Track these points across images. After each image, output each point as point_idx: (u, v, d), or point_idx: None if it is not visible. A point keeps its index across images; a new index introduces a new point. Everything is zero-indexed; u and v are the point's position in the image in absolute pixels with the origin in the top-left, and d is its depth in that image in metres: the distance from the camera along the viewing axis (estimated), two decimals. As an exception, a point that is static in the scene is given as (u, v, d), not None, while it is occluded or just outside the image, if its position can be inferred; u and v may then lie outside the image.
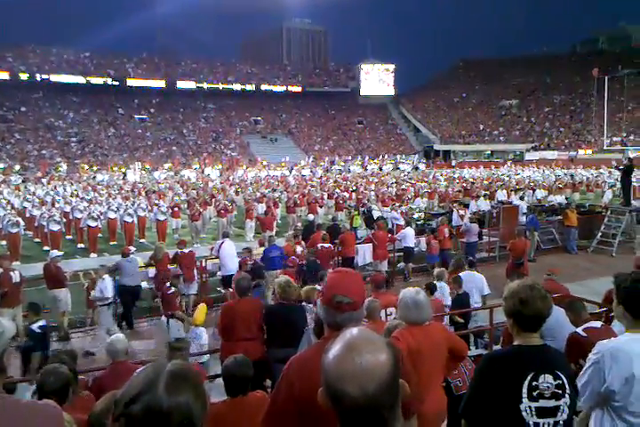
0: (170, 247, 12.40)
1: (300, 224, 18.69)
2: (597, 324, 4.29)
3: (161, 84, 64.61)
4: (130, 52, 74.05)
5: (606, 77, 42.06)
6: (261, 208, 19.08)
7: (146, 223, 18.30)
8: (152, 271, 10.60)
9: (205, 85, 67.56)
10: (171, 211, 18.03)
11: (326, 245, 11.21)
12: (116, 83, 61.68)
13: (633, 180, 17.76)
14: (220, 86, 68.43)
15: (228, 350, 5.14)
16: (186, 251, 10.72)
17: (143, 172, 45.19)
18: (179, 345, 4.69)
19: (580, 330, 4.13)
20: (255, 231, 17.70)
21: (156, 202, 19.32)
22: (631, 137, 49.58)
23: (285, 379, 1.96)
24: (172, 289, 8.23)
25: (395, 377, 1.13)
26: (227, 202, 19.33)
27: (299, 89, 73.40)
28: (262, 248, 12.51)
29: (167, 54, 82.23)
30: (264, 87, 71.01)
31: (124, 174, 43.11)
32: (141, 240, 17.51)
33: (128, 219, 17.01)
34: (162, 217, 17.33)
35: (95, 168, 46.27)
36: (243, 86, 69.64)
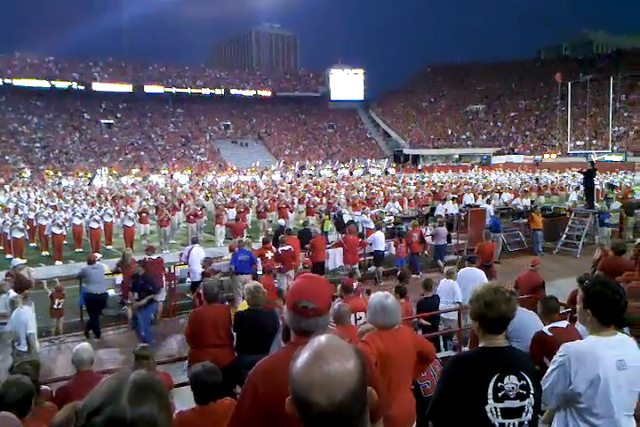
0: (138, 254, 12.21)
1: (270, 229, 18.62)
2: (563, 324, 4.37)
3: (128, 88, 63.72)
4: (96, 56, 72.95)
5: (569, 83, 43.23)
6: (232, 214, 18.92)
7: (113, 229, 17.97)
8: (119, 278, 10.41)
9: (174, 90, 66.93)
10: (138, 216, 17.76)
11: (286, 248, 11.17)
12: (82, 87, 60.63)
13: (595, 183, 18.26)
14: (189, 91, 67.88)
15: (196, 357, 5.06)
16: (154, 257, 10.56)
17: (110, 177, 44.41)
18: (145, 353, 4.61)
19: (545, 329, 4.20)
20: (226, 237, 17.55)
21: (124, 208, 19.02)
22: (594, 141, 50.98)
23: (250, 384, 1.94)
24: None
25: (362, 384, 1.12)
26: (196, 207, 19.12)
27: (268, 93, 73.32)
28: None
29: (134, 58, 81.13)
30: (234, 92, 70.73)
31: (90, 180, 42.30)
32: (108, 247, 17.19)
33: (94, 225, 16.67)
34: (129, 223, 17.05)
35: (60, 174, 45.29)
36: (212, 91, 69.23)
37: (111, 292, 10.39)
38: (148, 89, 65.14)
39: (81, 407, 1.08)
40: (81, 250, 16.57)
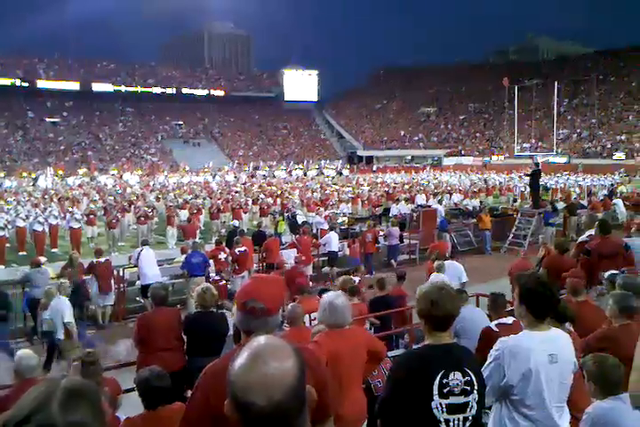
0: (85, 257, 11.86)
1: (223, 230, 18.46)
2: (509, 320, 4.51)
3: (75, 86, 61.86)
4: (41, 52, 70.47)
5: (516, 87, 44.73)
6: (184, 215, 18.62)
7: (58, 232, 17.37)
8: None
9: (123, 88, 65.40)
10: (86, 218, 17.25)
11: (242, 249, 11.10)
12: (26, 84, 58.37)
13: (540, 184, 18.93)
14: (139, 89, 66.48)
15: (145, 362, 4.94)
16: (102, 260, 10.26)
17: (56, 178, 42.89)
18: (91, 359, 4.46)
19: (492, 325, 4.34)
20: (177, 239, 17.25)
21: (70, 209, 18.39)
22: (539, 144, 52.85)
23: (200, 388, 1.92)
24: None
25: (301, 384, 1.12)
26: (147, 209, 18.73)
27: (222, 93, 72.61)
28: (185, 256, 12.28)
29: (82, 56, 78.82)
30: (185, 91, 69.70)
31: (35, 180, 40.74)
32: (53, 250, 16.59)
33: (38, 227, 16.05)
34: (76, 225, 16.49)
35: (2, 174, 43.46)
36: (163, 90, 68.02)
37: (56, 296, 10.01)
38: (97, 87, 63.40)
39: (9, 417, 1.03)
40: (24, 253, 15.93)
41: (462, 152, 59.27)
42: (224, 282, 9.42)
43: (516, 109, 44.46)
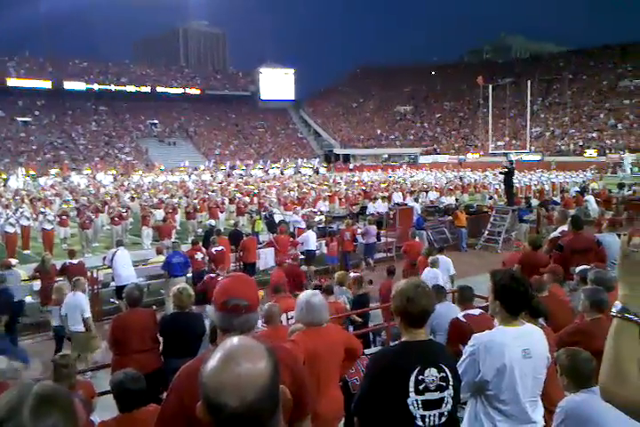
0: (58, 258, 11.65)
1: (200, 230, 18.33)
2: (476, 311, 4.60)
3: (47, 84, 60.65)
4: (11, 50, 69.00)
5: (490, 86, 45.25)
6: (159, 215, 18.42)
7: (30, 233, 17.02)
8: (37, 285, 9.88)
9: (96, 86, 64.38)
10: (58, 219, 16.93)
11: (219, 248, 11.03)
12: (-5, 83, 57.12)
13: (514, 181, 19.20)
14: (113, 88, 65.49)
15: (120, 364, 4.88)
16: (75, 261, 10.08)
17: (27, 178, 42.05)
18: (65, 362, 4.38)
19: (460, 316, 4.40)
20: (153, 239, 17.06)
21: (42, 210, 18.03)
22: (513, 142, 53.60)
23: (174, 390, 1.90)
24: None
25: (274, 384, 1.12)
26: (121, 209, 18.47)
27: (197, 92, 72.02)
28: (161, 256, 12.15)
29: (54, 53, 77.28)
30: (160, 89, 68.92)
31: (5, 181, 39.91)
32: (25, 251, 16.26)
33: (9, 229, 15.71)
34: (48, 226, 16.18)
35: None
36: (137, 88, 67.13)
37: (28, 299, 9.85)
38: (69, 85, 62.28)
39: None
40: (-5, 255, 15.58)
41: (437, 150, 59.82)
42: (221, 278, 9.38)
43: (490, 108, 44.98)
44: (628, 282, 1.36)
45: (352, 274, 8.75)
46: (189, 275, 10.75)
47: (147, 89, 67.81)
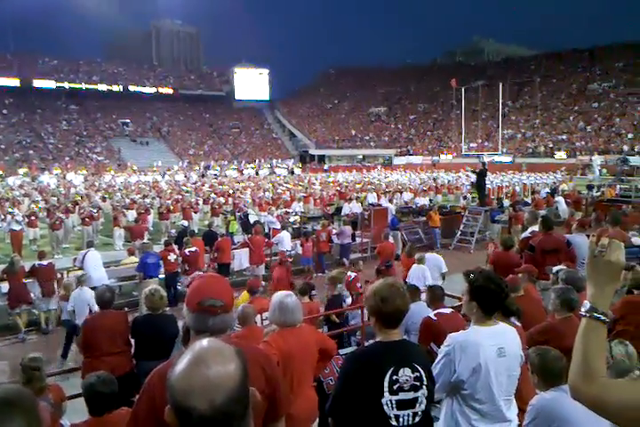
0: (27, 259, 11.39)
1: (173, 231, 18.14)
2: (447, 310, 4.65)
3: (15, 82, 59.20)
4: (-23, 47, 67.23)
5: (463, 88, 45.88)
6: (131, 215, 18.16)
7: (-2, 234, 16.64)
8: (5, 286, 9.64)
9: (67, 85, 63.11)
10: (27, 220, 16.58)
11: (193, 249, 10.92)
12: (-39, 80, 55.56)
13: (487, 182, 19.49)
14: (84, 86, 64.30)
15: (91, 367, 4.79)
16: (44, 263, 9.87)
17: (-5, 178, 41.07)
18: (34, 365, 4.28)
19: (431, 315, 4.45)
20: (125, 240, 16.81)
21: (10, 210, 17.63)
22: (485, 143, 54.38)
23: (146, 392, 1.87)
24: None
25: (244, 386, 1.11)
26: (92, 209, 18.16)
27: (170, 91, 71.21)
28: (132, 257, 11.99)
29: (22, 51, 75.52)
30: (132, 88, 67.89)
31: (-28, 181, 38.89)
32: (-7, 253, 15.88)
33: (-24, 230, 15.33)
34: (17, 227, 15.80)
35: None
36: (109, 87, 66.01)
37: (-4, 301, 9.62)
38: (38, 84, 60.93)
39: None
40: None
41: (411, 151, 60.37)
42: (252, 276, 9.29)
43: (463, 110, 45.61)
44: (596, 282, 1.38)
45: (350, 273, 8.80)
46: (162, 276, 10.63)
47: (118, 88, 66.74)
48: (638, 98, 51.29)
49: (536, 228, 8.34)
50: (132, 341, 5.24)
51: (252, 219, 17.41)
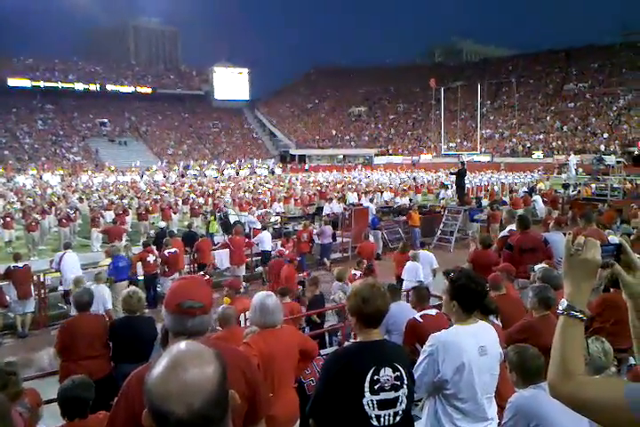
0: (3, 262, 11.20)
1: (152, 232, 17.97)
2: (433, 311, 4.66)
3: (-11, 81, 58.10)
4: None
5: (442, 88, 46.20)
6: (109, 216, 17.92)
7: (-28, 236, 16.30)
8: (-21, 289, 9.43)
9: (42, 84, 62.07)
10: (2, 221, 16.29)
11: (172, 250, 10.83)
12: None
13: (466, 182, 19.66)
14: (60, 85, 63.31)
15: (68, 370, 4.72)
16: (20, 265, 9.69)
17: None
18: (10, 369, 4.19)
19: (417, 316, 4.46)
20: (103, 241, 16.58)
21: (-15, 212, 17.31)
22: (464, 143, 54.88)
23: (125, 396, 1.84)
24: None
25: (223, 389, 1.09)
26: (69, 210, 17.90)
27: (148, 90, 70.47)
28: (111, 259, 11.83)
29: (-4, 49, 74.16)
30: (110, 87, 67.04)
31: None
32: (-33, 255, 15.54)
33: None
34: (-9, 228, 15.55)
35: None
36: (86, 86, 65.09)
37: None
38: (13, 83, 59.82)
39: None
40: None
41: (390, 151, 60.68)
42: (208, 277, 9.26)
43: (442, 110, 45.92)
44: (572, 280, 1.40)
45: (354, 271, 8.85)
46: (140, 278, 10.53)
47: (96, 87, 65.85)
48: (613, 98, 52.26)
49: (514, 226, 8.43)
50: (111, 344, 5.17)
51: (232, 219, 17.30)
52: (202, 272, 9.82)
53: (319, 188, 28.15)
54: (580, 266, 1.38)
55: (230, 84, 76.35)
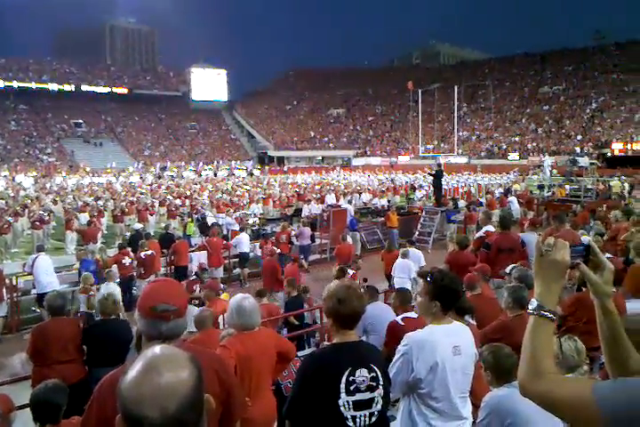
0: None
1: (128, 234, 17.77)
2: (414, 314, 4.67)
3: (-40, 81, 56.88)
4: None
5: (420, 91, 46.58)
6: (84, 218, 17.65)
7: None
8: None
9: (16, 84, 60.97)
10: (-26, 224, 15.89)
11: (148, 252, 10.71)
12: None
13: (443, 183, 19.82)
14: (34, 86, 62.25)
15: (41, 375, 4.62)
16: (-8, 268, 9.49)
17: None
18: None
19: (398, 319, 4.47)
20: (77, 243, 16.32)
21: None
22: (442, 145, 55.39)
23: (97, 400, 1.82)
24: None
25: (198, 393, 1.09)
26: (42, 212, 17.58)
27: (125, 91, 69.67)
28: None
29: (-33, 48, 72.65)
30: (85, 88, 66.11)
31: None
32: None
33: None
34: (-38, 231, 15.18)
35: None
36: (60, 86, 64.10)
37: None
38: (-15, 82, 58.68)
39: None
40: None
41: (368, 152, 60.97)
42: (196, 279, 9.22)
43: (420, 112, 46.29)
44: (542, 280, 1.41)
45: (350, 271, 8.83)
46: (117, 280, 10.37)
47: (70, 87, 64.90)
48: (586, 100, 53.30)
49: (490, 227, 8.53)
50: (85, 348, 5.09)
51: (210, 221, 17.18)
52: (194, 275, 9.86)
53: (298, 189, 28.12)
54: (549, 266, 1.40)
55: (208, 84, 75.93)
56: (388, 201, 23.59)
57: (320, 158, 63.12)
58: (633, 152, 41.88)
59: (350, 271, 8.82)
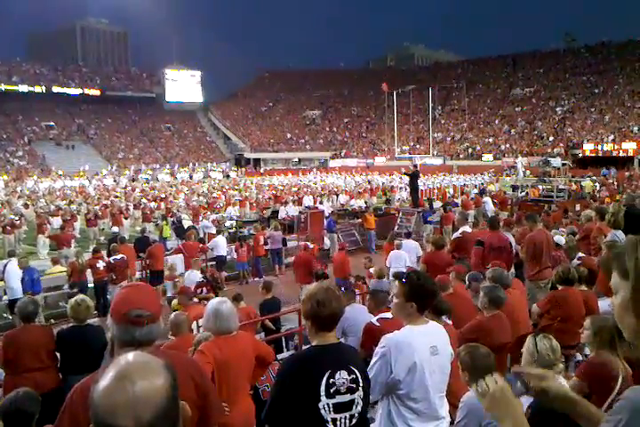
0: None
1: (102, 238, 17.52)
2: (390, 315, 4.68)
3: None
4: None
5: (395, 92, 46.88)
6: (56, 222, 17.32)
7: None
8: None
9: (-16, 86, 59.58)
10: (-58, 229, 15.48)
11: (118, 257, 10.53)
12: None
13: (419, 184, 19.97)
14: (3, 87, 60.91)
15: (12, 384, 4.51)
16: (-40, 275, 9.24)
17: None
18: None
19: (374, 320, 4.47)
20: (50, 248, 16.01)
21: None
22: (417, 146, 55.83)
23: (68, 409, 1.79)
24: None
25: (173, 401, 1.06)
26: (13, 217, 17.21)
27: (97, 93, 68.62)
28: (58, 266, 11.45)
29: None
30: (56, 90, 64.92)
31: None
32: None
33: None
34: None
35: None
36: (31, 88, 62.83)
37: None
38: (-48, 84, 57.25)
39: None
40: None
41: (343, 154, 61.17)
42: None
43: (395, 114, 46.58)
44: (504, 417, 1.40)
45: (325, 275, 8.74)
46: (91, 285, 10.23)
47: (41, 89, 63.66)
48: (557, 102, 54.31)
49: (466, 228, 8.63)
50: (58, 355, 4.98)
51: (186, 224, 17.03)
52: (203, 279, 9.73)
53: (274, 191, 28.05)
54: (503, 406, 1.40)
55: (182, 86, 75.27)
56: (365, 202, 23.69)
57: (296, 160, 63.06)
58: (603, 153, 42.82)
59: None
